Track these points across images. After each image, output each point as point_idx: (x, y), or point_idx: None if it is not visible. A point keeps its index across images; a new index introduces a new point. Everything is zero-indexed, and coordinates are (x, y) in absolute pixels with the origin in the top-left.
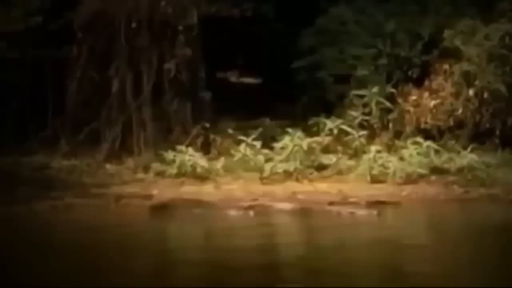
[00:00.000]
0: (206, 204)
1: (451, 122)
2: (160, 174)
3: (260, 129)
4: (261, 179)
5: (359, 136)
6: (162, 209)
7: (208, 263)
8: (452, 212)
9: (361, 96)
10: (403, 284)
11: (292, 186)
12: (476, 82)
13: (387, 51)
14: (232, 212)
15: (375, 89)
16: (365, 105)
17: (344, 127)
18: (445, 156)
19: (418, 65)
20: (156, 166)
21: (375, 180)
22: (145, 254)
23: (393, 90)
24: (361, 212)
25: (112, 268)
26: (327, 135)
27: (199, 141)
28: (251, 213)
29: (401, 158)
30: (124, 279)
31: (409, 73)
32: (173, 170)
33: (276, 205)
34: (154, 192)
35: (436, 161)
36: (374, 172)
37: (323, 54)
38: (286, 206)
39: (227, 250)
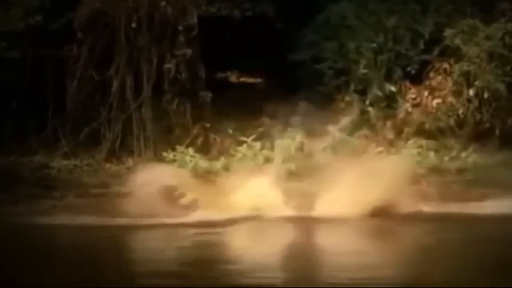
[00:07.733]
0: None
1: (451, 122)
2: None
3: (260, 129)
4: None
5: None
6: None
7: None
8: (453, 212)
9: None
10: (407, 285)
11: None
12: (476, 82)
13: (388, 47)
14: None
15: (375, 87)
16: None
17: None
18: (445, 156)
19: (418, 63)
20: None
21: None
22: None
23: (393, 88)
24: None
25: (111, 268)
26: None
27: (199, 141)
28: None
29: None
30: (124, 278)
31: (409, 70)
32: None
33: None
34: None
35: (436, 161)
36: None
37: (324, 48)
38: None
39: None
